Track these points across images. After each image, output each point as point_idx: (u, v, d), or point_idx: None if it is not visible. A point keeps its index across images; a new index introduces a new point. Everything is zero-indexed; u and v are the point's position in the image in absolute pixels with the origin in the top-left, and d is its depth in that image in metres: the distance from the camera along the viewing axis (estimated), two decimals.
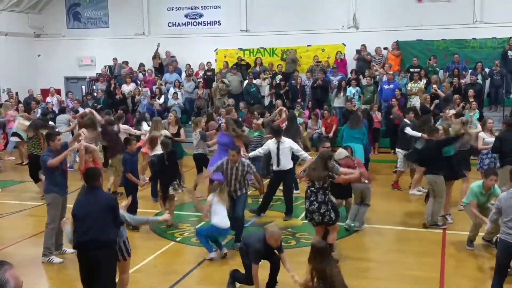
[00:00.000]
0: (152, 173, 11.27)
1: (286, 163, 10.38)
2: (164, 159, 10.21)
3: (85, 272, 5.97)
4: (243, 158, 9.15)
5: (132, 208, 9.27)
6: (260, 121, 13.57)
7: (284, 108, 14.37)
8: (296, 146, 10.38)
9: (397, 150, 12.88)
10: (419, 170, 11.20)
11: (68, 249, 8.56)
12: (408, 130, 12.08)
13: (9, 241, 9.61)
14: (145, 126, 13.75)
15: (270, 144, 10.43)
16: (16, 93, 21.39)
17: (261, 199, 10.78)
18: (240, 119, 14.69)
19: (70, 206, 8.59)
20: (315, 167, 7.99)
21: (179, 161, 12.06)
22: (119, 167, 10.97)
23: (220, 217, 8.30)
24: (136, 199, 9.88)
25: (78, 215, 6.00)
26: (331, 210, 7.89)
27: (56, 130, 12.28)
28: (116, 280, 6.44)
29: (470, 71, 18.06)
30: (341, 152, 9.64)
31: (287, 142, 10.37)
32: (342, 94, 18.24)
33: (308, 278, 5.92)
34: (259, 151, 10.70)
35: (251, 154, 10.60)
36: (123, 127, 13.46)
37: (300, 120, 16.67)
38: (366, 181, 9.37)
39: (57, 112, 17.88)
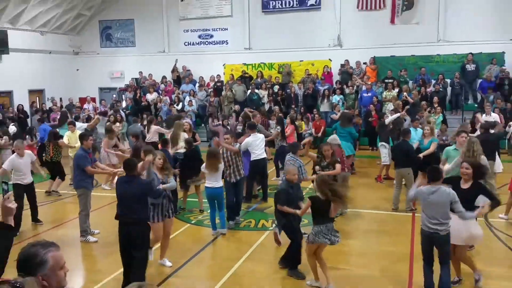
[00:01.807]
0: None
1: (262, 152, 10.23)
2: (186, 156, 10.15)
3: (123, 242, 6.14)
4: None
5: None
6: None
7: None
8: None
9: (380, 144, 12.69)
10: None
11: (92, 237, 8.55)
12: (388, 119, 12.22)
13: (52, 224, 9.63)
14: None
15: (249, 138, 10.08)
16: (60, 99, 21.46)
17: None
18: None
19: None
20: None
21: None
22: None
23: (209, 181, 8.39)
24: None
25: (119, 197, 6.24)
26: None
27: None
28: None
29: (433, 81, 18.05)
30: (335, 138, 9.67)
31: (260, 136, 10.38)
32: (326, 101, 18.24)
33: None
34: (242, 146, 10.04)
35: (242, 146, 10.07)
36: (154, 127, 13.51)
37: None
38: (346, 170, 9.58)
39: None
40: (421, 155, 10.07)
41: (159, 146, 10.81)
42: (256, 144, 10.09)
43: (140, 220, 6.10)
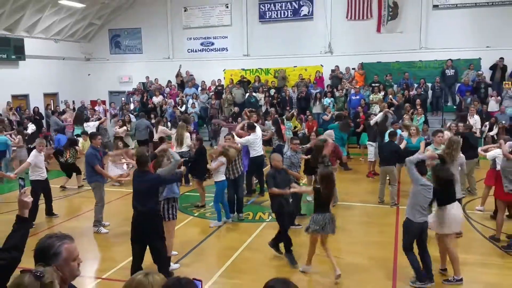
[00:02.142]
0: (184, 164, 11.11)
1: (260, 150, 10.27)
2: (196, 152, 10.16)
3: (135, 231, 6.12)
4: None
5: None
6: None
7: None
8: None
9: (368, 143, 12.75)
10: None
11: (103, 229, 8.55)
12: (372, 120, 12.30)
13: (66, 216, 9.61)
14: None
15: (250, 137, 10.05)
16: (73, 102, 21.47)
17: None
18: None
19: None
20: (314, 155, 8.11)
21: None
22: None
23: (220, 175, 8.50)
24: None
25: (133, 189, 6.27)
26: None
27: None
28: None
29: (416, 85, 18.09)
30: (331, 134, 9.70)
31: (259, 135, 10.33)
32: (318, 103, 18.22)
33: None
34: (242, 141, 10.06)
35: (239, 140, 9.94)
36: (161, 128, 13.53)
37: (290, 124, 16.63)
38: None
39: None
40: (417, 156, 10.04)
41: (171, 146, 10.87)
42: (256, 142, 10.13)
43: (150, 210, 6.07)
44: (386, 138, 10.33)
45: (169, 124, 17.20)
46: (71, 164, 11.92)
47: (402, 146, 10.16)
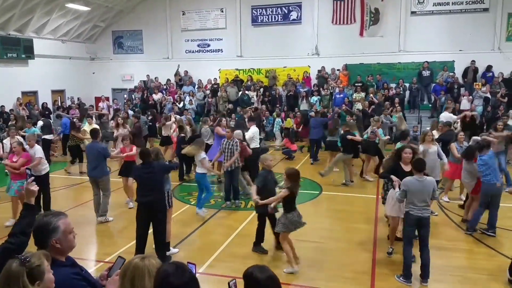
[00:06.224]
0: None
1: (257, 143, 10.76)
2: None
3: (142, 223, 6.16)
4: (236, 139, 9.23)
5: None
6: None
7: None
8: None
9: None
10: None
11: (110, 217, 8.47)
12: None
13: (68, 206, 9.54)
14: None
15: (253, 129, 10.71)
16: (78, 98, 21.27)
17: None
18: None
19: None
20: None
21: None
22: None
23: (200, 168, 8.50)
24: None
25: (140, 181, 6.24)
26: None
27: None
28: None
29: (394, 85, 18.14)
30: (239, 133, 9.49)
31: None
32: (305, 101, 18.24)
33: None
34: (250, 133, 10.62)
35: (249, 134, 10.55)
36: (169, 123, 13.39)
37: (279, 120, 16.65)
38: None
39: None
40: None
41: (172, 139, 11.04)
42: (256, 135, 10.67)
43: (163, 197, 6.23)
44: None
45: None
46: (76, 146, 12.18)
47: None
